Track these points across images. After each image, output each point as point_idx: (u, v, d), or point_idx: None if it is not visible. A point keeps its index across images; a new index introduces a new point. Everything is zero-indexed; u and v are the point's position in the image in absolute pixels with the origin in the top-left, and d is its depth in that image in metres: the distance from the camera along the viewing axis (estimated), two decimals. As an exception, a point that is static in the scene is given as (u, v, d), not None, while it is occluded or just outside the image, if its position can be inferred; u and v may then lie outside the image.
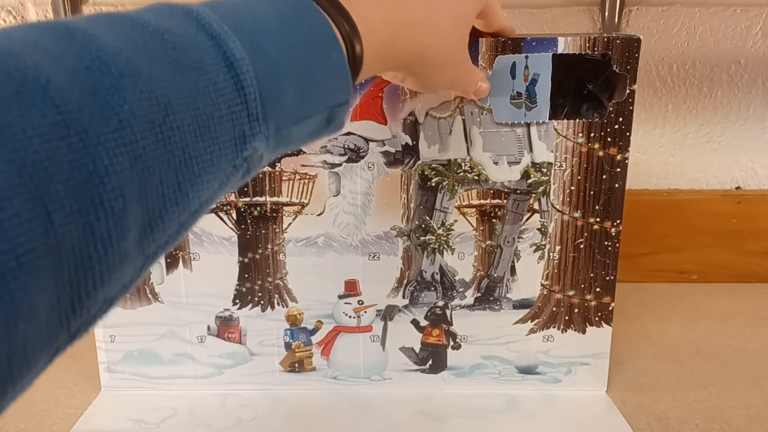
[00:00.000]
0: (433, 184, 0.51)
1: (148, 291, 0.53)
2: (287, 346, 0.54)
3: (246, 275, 0.52)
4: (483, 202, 0.51)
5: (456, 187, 0.51)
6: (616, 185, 0.50)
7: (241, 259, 0.52)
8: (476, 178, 0.51)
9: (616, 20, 0.67)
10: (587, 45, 0.47)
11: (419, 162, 0.50)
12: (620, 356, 0.60)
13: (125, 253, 0.21)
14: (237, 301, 0.53)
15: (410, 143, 0.50)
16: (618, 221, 0.51)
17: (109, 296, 0.21)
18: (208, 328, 0.53)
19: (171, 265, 0.52)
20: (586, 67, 0.50)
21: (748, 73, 0.74)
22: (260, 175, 0.50)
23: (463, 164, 0.50)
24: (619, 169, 0.50)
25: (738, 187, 0.78)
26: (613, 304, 0.53)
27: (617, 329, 0.54)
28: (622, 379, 0.57)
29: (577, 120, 0.49)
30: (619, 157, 0.50)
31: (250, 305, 0.53)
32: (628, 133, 0.49)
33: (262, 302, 0.53)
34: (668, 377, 0.58)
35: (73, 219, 0.18)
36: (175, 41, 0.23)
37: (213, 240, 0.51)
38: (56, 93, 0.19)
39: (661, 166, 0.78)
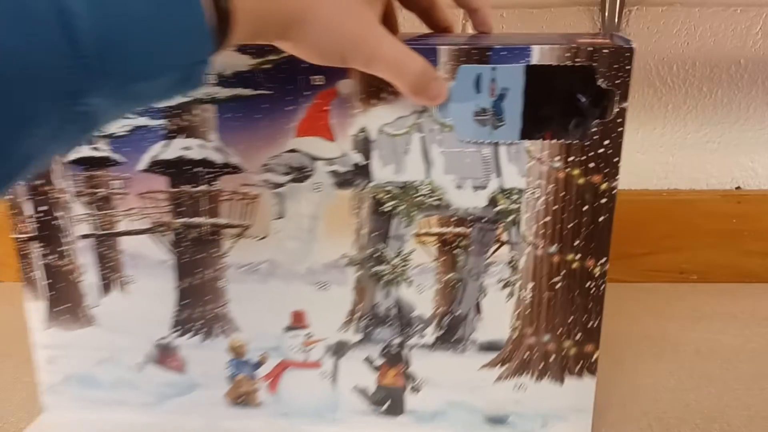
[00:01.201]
0: (388, 209, 0.45)
1: (83, 314, 0.49)
2: (231, 377, 0.50)
3: (184, 302, 0.48)
4: (444, 230, 0.45)
5: (413, 213, 0.45)
6: (600, 219, 0.43)
7: (179, 284, 0.48)
8: (436, 203, 0.44)
9: (616, 20, 0.60)
10: (566, 56, 0.40)
11: (372, 184, 0.44)
12: (620, 356, 0.60)
13: None
14: (177, 328, 0.49)
15: (361, 162, 0.44)
16: (604, 259, 0.44)
17: None
18: (148, 355, 0.50)
19: (106, 287, 0.48)
20: (571, 77, 0.42)
21: (748, 73, 0.73)
22: (197, 195, 0.46)
23: (421, 187, 0.44)
24: (604, 200, 0.42)
25: (738, 187, 0.78)
26: (597, 354, 0.46)
27: (617, 329, 0.53)
28: (622, 380, 0.57)
29: (553, 140, 0.42)
30: (604, 186, 0.42)
31: (190, 333, 0.49)
32: (616, 159, 0.41)
33: (203, 330, 0.49)
34: (668, 377, 0.58)
35: None
36: None
37: (148, 263, 0.47)
38: None
39: (661, 166, 0.77)
